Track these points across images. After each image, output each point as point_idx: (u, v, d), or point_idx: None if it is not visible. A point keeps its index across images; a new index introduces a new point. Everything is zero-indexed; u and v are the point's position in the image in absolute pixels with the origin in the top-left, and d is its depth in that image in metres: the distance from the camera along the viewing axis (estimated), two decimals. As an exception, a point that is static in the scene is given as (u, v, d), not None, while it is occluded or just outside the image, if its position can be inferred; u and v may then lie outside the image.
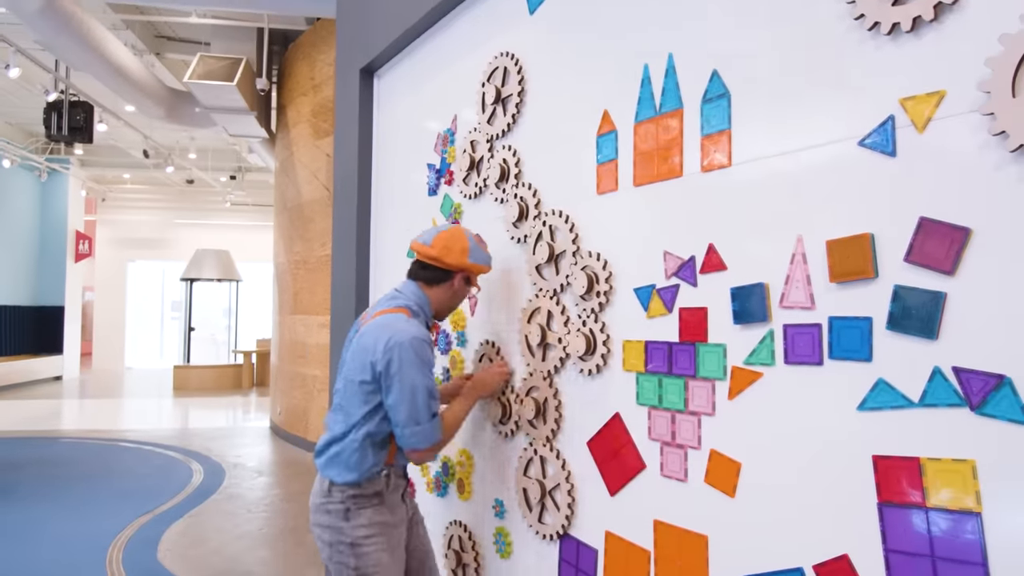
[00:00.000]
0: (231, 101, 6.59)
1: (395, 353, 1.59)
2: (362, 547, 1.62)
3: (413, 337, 1.60)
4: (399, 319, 1.65)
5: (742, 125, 1.23)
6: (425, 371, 1.61)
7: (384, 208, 2.61)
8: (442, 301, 1.78)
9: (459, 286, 1.77)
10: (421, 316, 1.73)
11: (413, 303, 1.73)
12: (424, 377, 1.60)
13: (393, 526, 1.69)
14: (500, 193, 1.89)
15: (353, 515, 1.63)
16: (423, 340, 1.62)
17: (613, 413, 1.48)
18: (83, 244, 13.08)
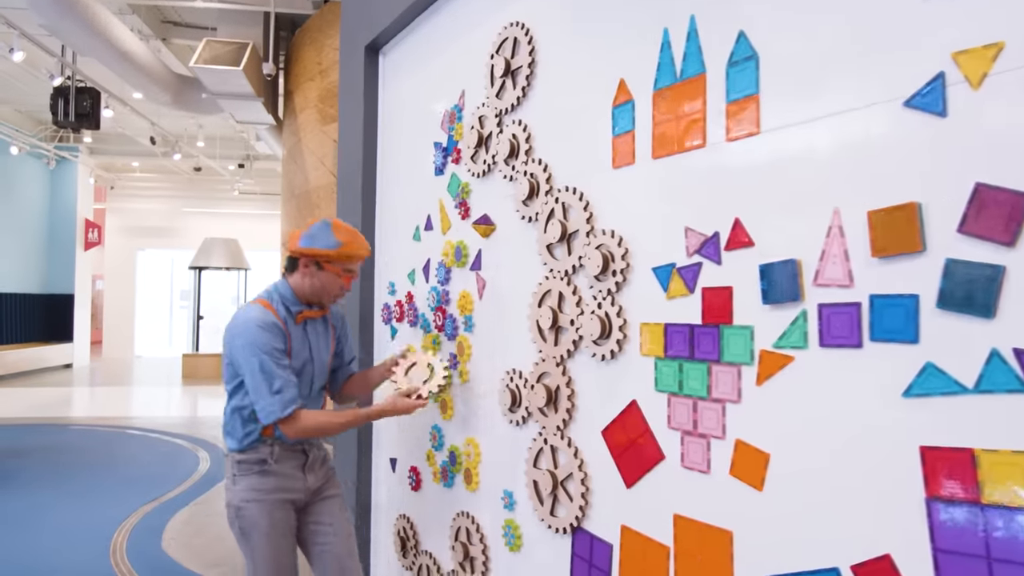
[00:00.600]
0: (238, 86, 6.51)
1: (230, 337, 1.83)
2: (242, 509, 1.84)
3: (247, 321, 1.80)
4: (247, 308, 1.86)
5: (772, 89, 1.14)
6: (258, 351, 1.77)
7: (390, 189, 2.53)
8: (301, 286, 1.90)
9: (312, 271, 1.88)
10: (276, 301, 1.89)
11: (271, 291, 1.92)
12: (256, 356, 1.76)
13: (278, 492, 1.86)
14: (509, 170, 1.80)
15: (238, 480, 1.86)
16: (259, 323, 1.79)
17: (630, 400, 1.40)
18: (92, 232, 13.09)
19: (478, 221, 1.93)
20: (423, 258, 2.27)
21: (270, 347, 1.77)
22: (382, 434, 2.53)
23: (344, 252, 1.84)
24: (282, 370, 1.78)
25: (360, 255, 1.88)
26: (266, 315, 1.81)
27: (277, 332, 1.80)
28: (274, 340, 1.79)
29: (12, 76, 9.28)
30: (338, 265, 1.86)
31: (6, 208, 11.27)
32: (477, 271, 1.96)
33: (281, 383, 1.75)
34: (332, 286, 1.88)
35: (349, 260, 1.88)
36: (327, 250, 1.83)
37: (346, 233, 1.88)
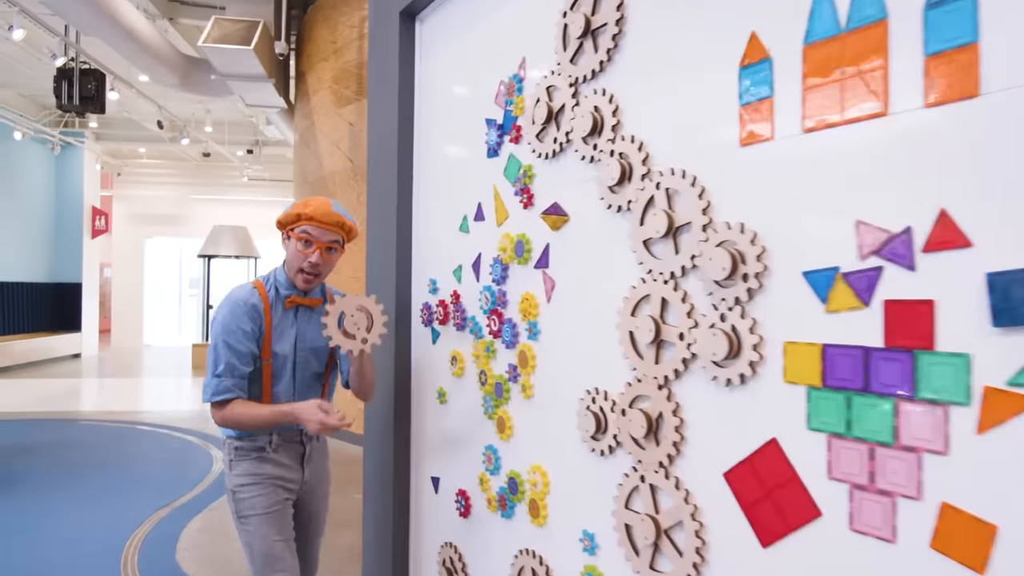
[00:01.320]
0: (248, 67, 6.21)
1: (215, 313, 1.85)
2: (238, 493, 1.85)
3: (227, 298, 1.84)
4: (239, 286, 1.89)
5: (1000, 34, 0.84)
6: (222, 329, 1.78)
7: (430, 174, 2.23)
8: (288, 268, 1.91)
9: (285, 245, 1.91)
10: (271, 283, 1.90)
11: (270, 273, 1.93)
12: (218, 334, 1.78)
13: (273, 478, 1.87)
14: (589, 150, 1.51)
15: (234, 465, 1.86)
16: (235, 301, 1.81)
17: (767, 439, 1.11)
18: (99, 220, 12.85)
19: (548, 211, 1.64)
20: (472, 252, 1.98)
21: (234, 326, 1.78)
22: (423, 448, 2.26)
23: (295, 211, 1.83)
24: (233, 354, 1.78)
25: (308, 214, 1.83)
26: (249, 295, 1.83)
27: (251, 313, 1.81)
28: (242, 321, 1.79)
29: (15, 59, 9.00)
30: (296, 232, 1.84)
31: (11, 196, 11.03)
32: (544, 269, 1.67)
33: (224, 367, 1.76)
34: (295, 258, 1.86)
35: (299, 220, 1.84)
36: (284, 213, 1.86)
37: (308, 199, 1.89)
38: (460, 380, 2.04)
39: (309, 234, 1.84)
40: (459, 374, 2.04)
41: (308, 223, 1.84)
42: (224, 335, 1.76)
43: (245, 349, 1.77)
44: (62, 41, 6.82)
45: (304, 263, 1.85)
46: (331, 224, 1.85)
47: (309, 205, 1.83)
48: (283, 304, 1.86)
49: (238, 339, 1.77)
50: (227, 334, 1.76)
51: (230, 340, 1.76)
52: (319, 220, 1.84)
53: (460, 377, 2.04)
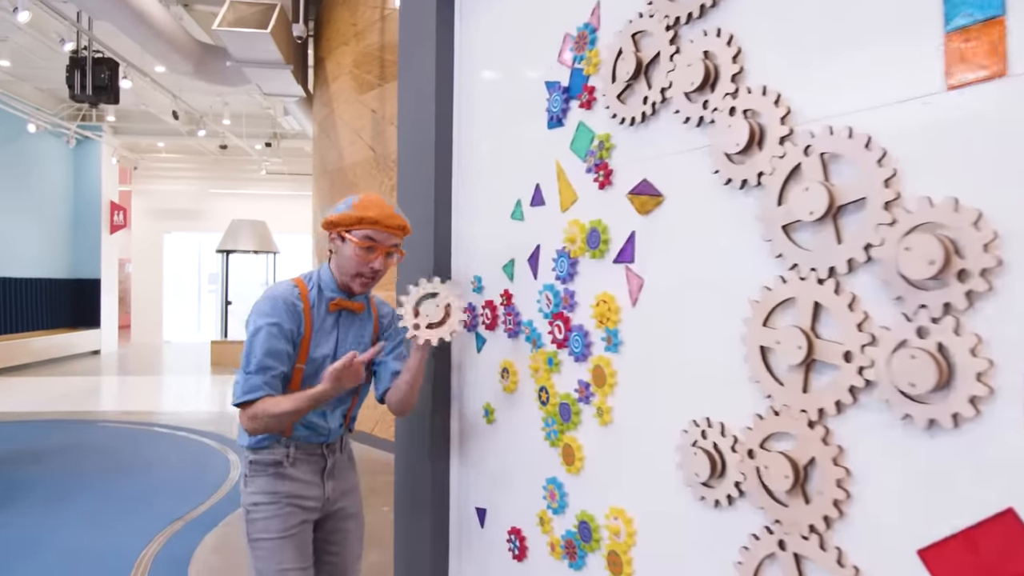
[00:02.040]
0: (265, 52, 5.92)
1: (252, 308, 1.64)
2: (251, 513, 1.64)
3: (267, 294, 1.64)
4: (278, 282, 1.70)
5: None
6: (258, 321, 1.58)
7: (473, 155, 1.90)
8: (334, 267, 1.69)
9: (336, 246, 1.68)
10: (313, 282, 1.69)
11: (313, 271, 1.73)
12: (254, 326, 1.58)
13: (291, 497, 1.64)
14: (697, 109, 1.16)
15: (249, 481, 1.66)
16: (275, 295, 1.62)
17: (1001, 507, 0.77)
18: (118, 215, 12.71)
19: (636, 190, 1.30)
20: (528, 244, 1.65)
21: (271, 323, 1.57)
22: (467, 474, 1.93)
23: (356, 214, 1.61)
24: (267, 352, 1.56)
25: (372, 218, 1.60)
26: (290, 293, 1.63)
27: (291, 311, 1.60)
28: (281, 317, 1.59)
29: (31, 51, 8.81)
30: (357, 235, 1.61)
31: (29, 191, 10.89)
32: (628, 264, 1.34)
33: (256, 364, 1.55)
34: (350, 262, 1.63)
35: (361, 224, 1.61)
36: (341, 214, 1.63)
37: (368, 198, 1.65)
38: (512, 397, 1.71)
39: (373, 239, 1.62)
40: (511, 389, 1.71)
41: (372, 227, 1.62)
42: (260, 331, 1.57)
43: (281, 347, 1.57)
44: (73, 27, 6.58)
45: (365, 268, 1.64)
46: (395, 228, 1.65)
47: (371, 208, 1.62)
48: (326, 306, 1.66)
49: (275, 336, 1.57)
50: (263, 330, 1.57)
51: (266, 337, 1.57)
52: (384, 224, 1.62)
53: (512, 393, 1.71)
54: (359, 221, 1.60)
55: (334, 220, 1.62)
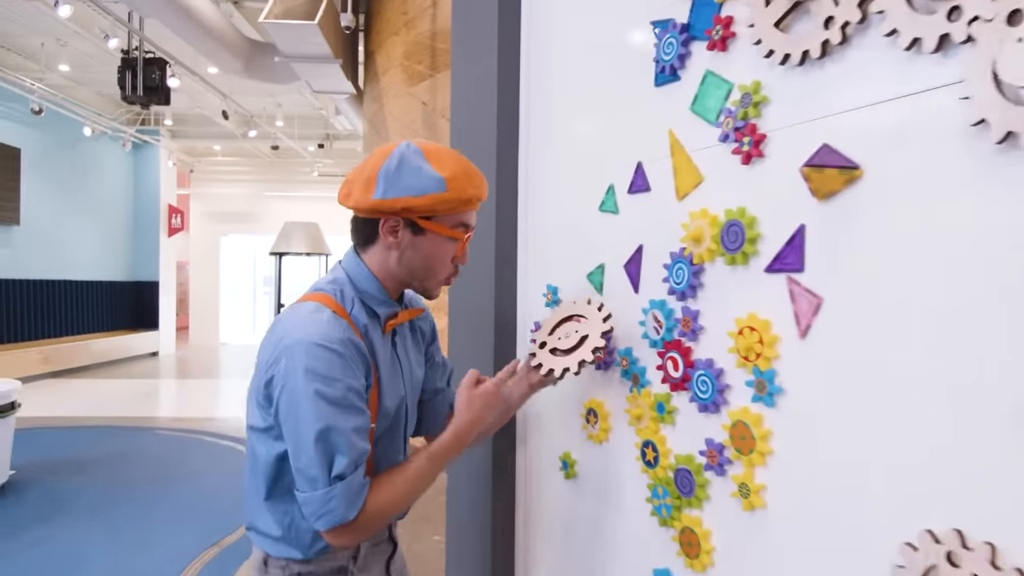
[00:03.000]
0: (313, 46, 5.66)
1: (280, 367, 1.01)
2: None
3: (309, 340, 1.00)
4: (302, 310, 1.06)
5: None
6: (322, 400, 0.98)
7: (546, 130, 1.48)
8: (388, 269, 1.13)
9: (406, 240, 1.10)
10: (351, 299, 1.11)
11: (340, 281, 1.13)
12: (316, 407, 0.98)
13: None
14: (937, 22, 0.71)
15: None
16: (329, 341, 1.00)
17: None
18: (175, 218, 12.82)
19: (812, 161, 0.85)
20: (625, 245, 1.22)
21: (344, 390, 1.00)
22: (535, 539, 1.51)
23: (451, 195, 1.06)
24: (356, 435, 1.00)
25: (474, 196, 1.11)
26: (341, 328, 1.03)
27: (357, 358, 1.04)
28: (352, 374, 1.02)
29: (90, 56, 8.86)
30: (449, 221, 1.10)
31: (88, 195, 11.04)
32: (792, 274, 0.89)
33: (347, 460, 0.99)
34: (434, 260, 1.12)
35: (466, 206, 1.10)
36: (428, 196, 1.05)
37: (451, 160, 1.09)
38: (602, 449, 1.29)
39: (468, 226, 1.14)
40: (601, 438, 1.28)
41: (475, 207, 1.14)
42: (332, 407, 0.98)
43: (364, 422, 1.03)
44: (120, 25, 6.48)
45: (455, 264, 1.16)
46: (484, 198, 1.17)
47: (468, 180, 1.09)
48: (381, 328, 1.14)
49: (352, 411, 1.01)
50: (336, 405, 0.99)
51: (345, 412, 1.00)
52: (485, 197, 1.15)
53: (602, 444, 1.28)
54: (458, 204, 1.07)
55: (416, 204, 1.05)
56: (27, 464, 4.82)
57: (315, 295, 1.09)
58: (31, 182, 9.47)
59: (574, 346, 1.21)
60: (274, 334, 1.04)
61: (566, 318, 1.27)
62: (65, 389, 8.79)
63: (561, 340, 1.24)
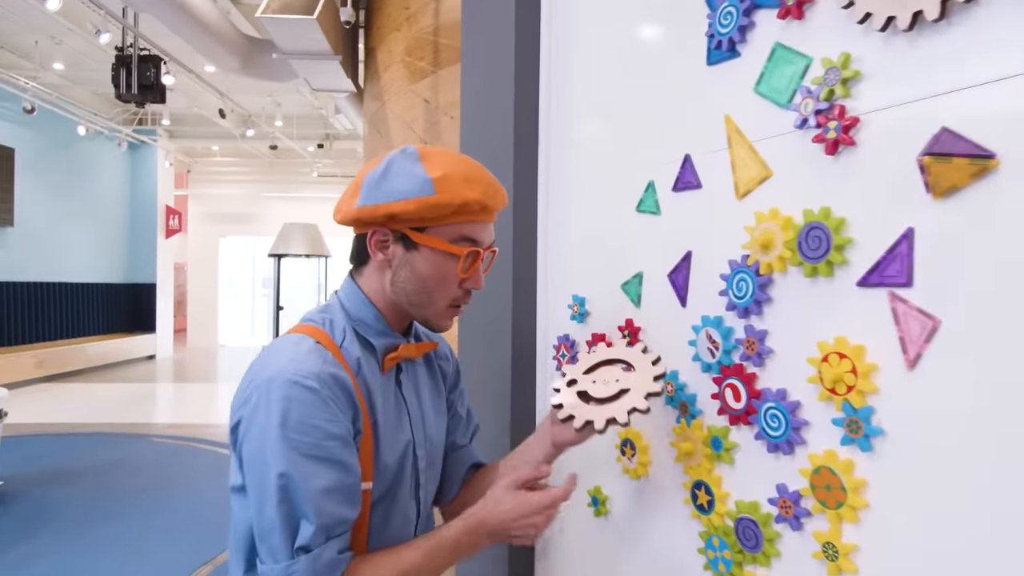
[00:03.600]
0: (312, 42, 5.50)
1: (248, 408, 0.83)
2: None
3: (282, 377, 0.82)
4: (282, 343, 0.88)
5: None
6: (287, 449, 0.79)
7: (571, 119, 1.31)
8: (384, 293, 0.95)
9: (397, 256, 0.92)
10: (341, 328, 0.92)
11: (332, 311, 0.95)
12: (279, 461, 0.79)
13: None
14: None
15: None
16: (302, 381, 0.81)
17: None
18: (173, 219, 12.66)
19: (935, 149, 0.68)
20: (670, 250, 1.05)
21: (320, 439, 0.81)
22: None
23: (445, 199, 0.87)
24: (328, 496, 0.81)
25: (477, 202, 0.90)
26: (323, 361, 0.85)
27: (341, 397, 0.85)
28: (332, 417, 0.83)
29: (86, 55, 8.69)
30: (446, 233, 0.90)
31: (84, 196, 10.86)
32: (896, 289, 0.72)
33: (314, 528, 0.80)
34: (442, 282, 0.92)
35: (465, 215, 0.90)
36: (413, 200, 0.87)
37: (448, 161, 0.90)
38: (641, 486, 1.12)
39: (475, 241, 0.93)
40: (639, 473, 1.11)
41: (476, 218, 0.92)
42: (298, 458, 0.80)
43: (345, 479, 0.83)
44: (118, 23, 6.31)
45: (461, 291, 0.95)
46: (500, 206, 0.95)
47: (469, 183, 0.89)
48: (379, 365, 0.94)
49: (323, 462, 0.82)
50: (304, 456, 0.80)
51: (315, 464, 0.81)
52: (494, 207, 0.93)
53: (641, 479, 1.12)
54: (451, 210, 0.88)
55: (400, 210, 0.87)
56: (15, 475, 4.65)
57: (301, 326, 0.93)
58: (25, 183, 9.30)
59: (609, 397, 0.99)
60: (249, 372, 0.88)
61: (609, 360, 1.06)
62: (59, 394, 8.62)
63: (596, 385, 1.02)
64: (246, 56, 6.46)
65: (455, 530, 0.89)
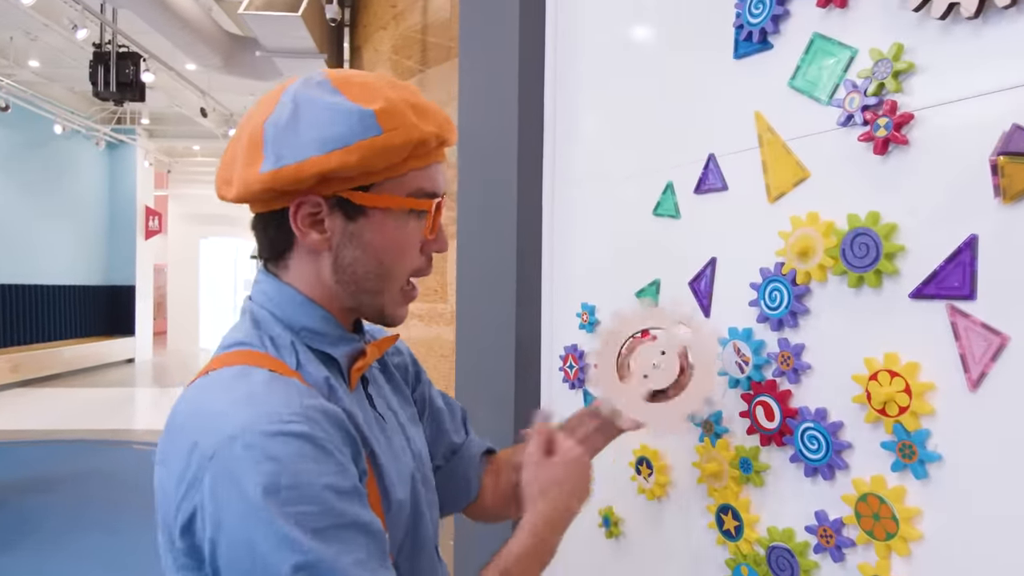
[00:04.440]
0: (296, 40, 5.39)
1: (203, 494, 0.57)
2: None
3: (252, 432, 0.56)
4: (217, 384, 0.63)
5: None
6: (306, 520, 0.55)
7: (580, 115, 1.24)
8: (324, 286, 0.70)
9: (331, 234, 0.68)
10: (290, 348, 0.67)
11: (263, 324, 0.69)
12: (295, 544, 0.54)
13: None
14: None
15: None
16: (283, 429, 0.56)
17: None
18: (153, 220, 12.43)
19: (1010, 148, 0.62)
20: (691, 257, 0.98)
21: (326, 502, 0.57)
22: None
23: (400, 136, 0.64)
24: (362, 570, 0.57)
25: (441, 135, 0.68)
26: (286, 391, 0.61)
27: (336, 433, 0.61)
28: (336, 467, 0.59)
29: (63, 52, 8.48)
30: (401, 186, 0.67)
31: (61, 196, 10.62)
32: (955, 302, 0.66)
33: None
34: (404, 253, 0.70)
35: (424, 156, 0.68)
36: (354, 146, 0.62)
37: (383, 86, 0.66)
38: (660, 507, 1.05)
39: (435, 191, 0.71)
40: (657, 494, 1.05)
41: (436, 157, 0.71)
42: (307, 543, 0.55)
43: (379, 541, 0.61)
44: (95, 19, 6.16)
45: (423, 259, 0.73)
46: (452, 139, 0.72)
47: (420, 109, 0.67)
48: (346, 380, 0.72)
49: (354, 523, 0.59)
50: (314, 534, 0.56)
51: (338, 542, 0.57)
52: (451, 139, 0.71)
53: (659, 500, 1.05)
54: (408, 151, 0.66)
55: (327, 169, 0.63)
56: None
57: (233, 354, 0.66)
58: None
59: (676, 380, 0.83)
60: (179, 435, 0.61)
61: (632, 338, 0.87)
62: (35, 399, 8.41)
63: (654, 374, 0.82)
64: (228, 54, 6.34)
65: (522, 542, 0.72)
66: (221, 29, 6.25)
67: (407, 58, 5.17)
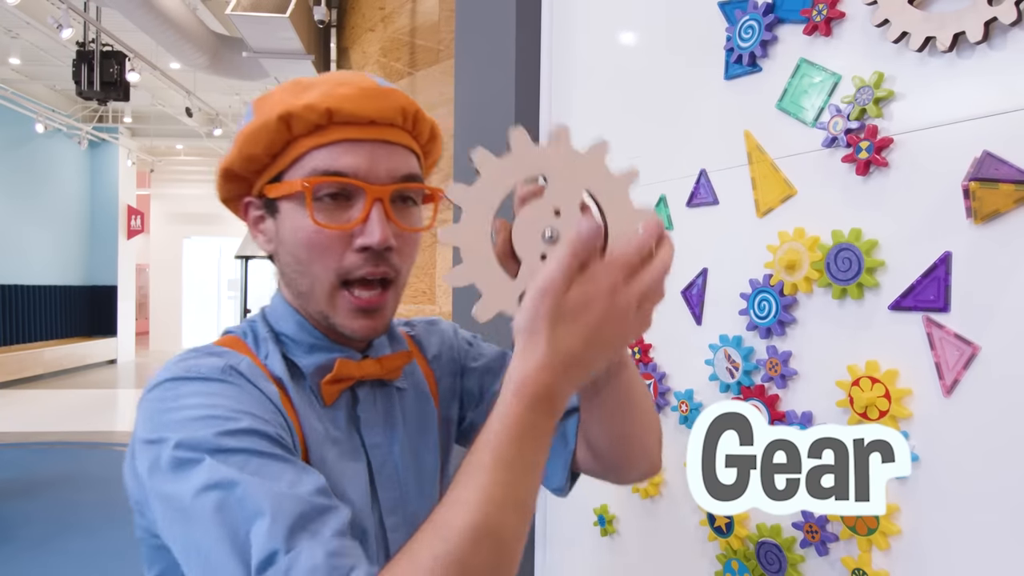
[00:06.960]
0: (284, 40, 5.39)
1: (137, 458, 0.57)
2: None
3: (170, 376, 0.58)
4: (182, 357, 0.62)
5: None
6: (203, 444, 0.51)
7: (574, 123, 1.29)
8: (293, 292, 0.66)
9: (267, 234, 0.66)
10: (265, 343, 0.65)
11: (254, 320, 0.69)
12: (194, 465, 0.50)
13: None
14: None
15: None
16: (196, 375, 0.57)
17: None
18: (135, 220, 12.31)
19: (981, 174, 0.67)
20: (684, 267, 1.03)
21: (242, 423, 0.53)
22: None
23: (263, 117, 0.60)
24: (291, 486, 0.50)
25: (330, 105, 0.59)
26: (220, 355, 0.61)
27: (253, 391, 0.58)
28: (247, 403, 0.56)
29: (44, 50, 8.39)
30: (297, 170, 0.61)
31: (41, 195, 10.50)
32: (931, 314, 0.71)
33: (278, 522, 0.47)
34: (315, 249, 0.61)
35: (313, 134, 0.60)
36: (237, 136, 0.62)
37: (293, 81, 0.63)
38: (653, 505, 1.10)
39: (340, 170, 0.60)
40: (650, 493, 1.09)
41: (336, 133, 0.60)
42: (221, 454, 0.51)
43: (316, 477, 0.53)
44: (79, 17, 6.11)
45: (356, 257, 0.61)
46: (391, 120, 0.62)
47: (303, 84, 0.62)
48: (316, 393, 0.65)
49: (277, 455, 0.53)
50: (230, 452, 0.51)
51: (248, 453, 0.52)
52: (364, 110, 0.60)
53: (652, 499, 1.09)
54: (276, 131, 0.60)
55: (226, 167, 0.65)
56: (-32, 488, 4.46)
57: (223, 339, 0.67)
58: (-22, 181, 8.96)
59: None
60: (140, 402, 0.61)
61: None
62: (14, 401, 8.30)
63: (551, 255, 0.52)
64: (214, 54, 6.31)
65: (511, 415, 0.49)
66: (207, 29, 6.23)
67: (395, 60, 5.19)
